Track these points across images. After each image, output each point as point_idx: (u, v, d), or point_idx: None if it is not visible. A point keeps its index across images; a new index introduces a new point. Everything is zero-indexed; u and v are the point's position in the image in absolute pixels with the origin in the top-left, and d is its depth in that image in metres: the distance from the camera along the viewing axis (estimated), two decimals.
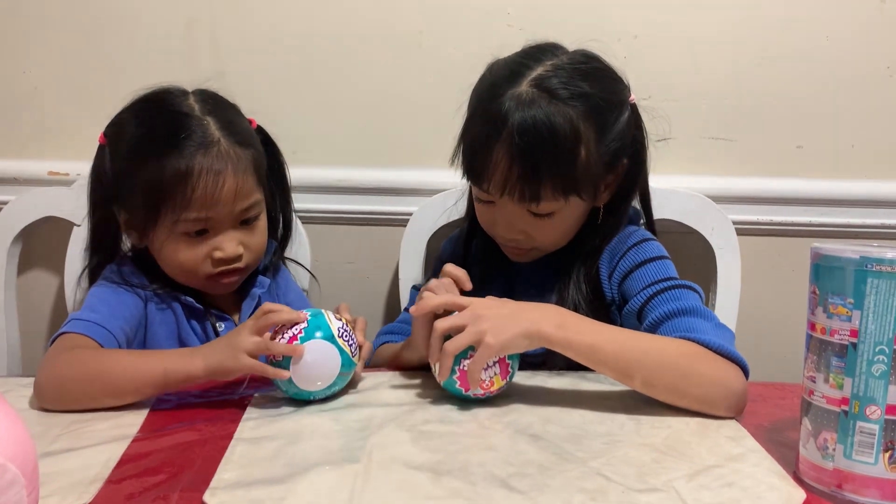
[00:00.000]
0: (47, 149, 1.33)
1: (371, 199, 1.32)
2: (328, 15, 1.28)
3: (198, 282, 1.02)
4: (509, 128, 0.90)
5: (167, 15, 1.29)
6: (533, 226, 0.97)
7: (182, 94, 1.01)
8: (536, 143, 0.90)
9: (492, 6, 1.27)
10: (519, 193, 0.93)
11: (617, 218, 1.02)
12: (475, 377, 0.83)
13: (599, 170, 0.95)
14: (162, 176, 0.94)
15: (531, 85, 0.92)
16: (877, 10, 1.25)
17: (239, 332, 0.85)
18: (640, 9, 1.26)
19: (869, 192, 1.27)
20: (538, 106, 0.91)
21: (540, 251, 1.02)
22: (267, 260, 1.09)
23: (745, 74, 1.27)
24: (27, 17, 1.30)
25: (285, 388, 0.85)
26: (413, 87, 1.30)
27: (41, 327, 1.36)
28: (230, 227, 0.99)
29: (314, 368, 0.84)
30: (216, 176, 0.95)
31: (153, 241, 0.99)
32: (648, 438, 0.77)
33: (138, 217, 0.98)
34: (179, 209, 0.95)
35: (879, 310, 0.62)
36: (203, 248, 0.98)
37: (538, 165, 0.91)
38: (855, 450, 0.64)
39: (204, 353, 0.85)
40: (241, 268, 1.02)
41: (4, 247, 1.25)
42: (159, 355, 0.88)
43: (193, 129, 0.96)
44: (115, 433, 0.77)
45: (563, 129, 0.90)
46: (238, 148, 0.98)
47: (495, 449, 0.74)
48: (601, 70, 0.98)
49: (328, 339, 0.84)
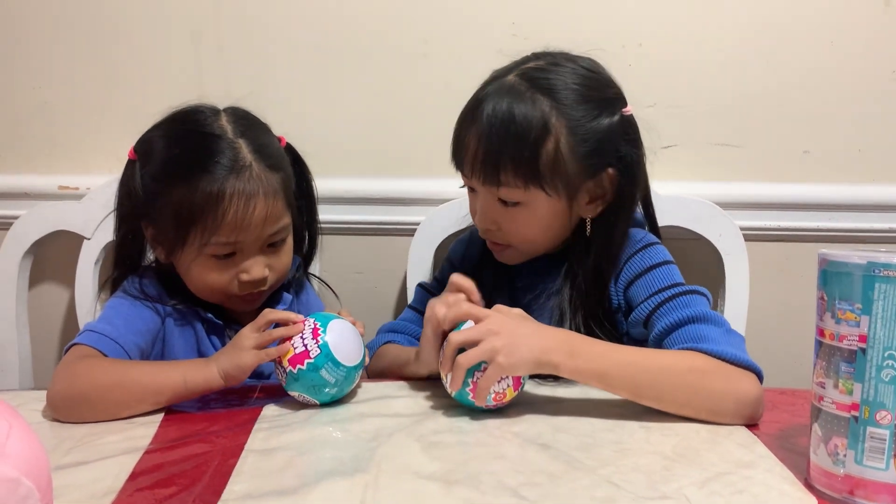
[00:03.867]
0: (57, 163, 1.34)
1: (378, 210, 1.33)
2: (333, 27, 1.29)
3: (222, 299, 1.02)
4: (481, 110, 0.94)
5: (175, 29, 1.30)
6: (502, 215, 0.98)
7: (214, 114, 1.01)
8: (498, 126, 0.93)
9: (496, 16, 1.27)
10: (483, 174, 0.95)
11: (609, 235, 0.99)
12: (484, 394, 0.83)
13: (573, 170, 0.94)
14: (193, 198, 0.94)
15: (516, 74, 0.96)
16: (881, 14, 1.25)
17: (240, 337, 0.88)
18: (645, 17, 1.26)
19: (876, 196, 1.27)
20: (514, 93, 0.94)
21: (515, 251, 1.02)
22: (290, 275, 1.09)
23: (750, 80, 1.27)
24: (37, 32, 1.31)
25: (300, 390, 0.87)
26: (418, 97, 1.30)
27: (52, 341, 1.37)
28: (257, 250, 0.99)
29: (347, 341, 0.88)
30: (247, 200, 0.95)
31: (180, 259, 0.99)
32: (658, 446, 0.77)
33: (167, 236, 0.98)
34: (209, 232, 0.95)
35: (888, 315, 0.62)
36: (230, 271, 0.98)
37: (498, 149, 0.93)
38: (866, 455, 0.63)
39: (216, 359, 0.88)
40: (265, 289, 1.02)
41: (15, 261, 1.27)
42: (177, 364, 0.91)
43: (225, 153, 0.96)
44: (126, 445, 0.77)
45: (530, 117, 0.92)
46: (269, 172, 0.98)
47: (505, 458, 0.74)
48: (595, 74, 0.98)
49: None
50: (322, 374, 0.85)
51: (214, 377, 0.87)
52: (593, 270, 0.99)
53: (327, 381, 0.86)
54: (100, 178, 1.25)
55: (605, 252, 0.99)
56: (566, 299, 0.99)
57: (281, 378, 0.88)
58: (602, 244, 0.99)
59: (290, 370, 0.86)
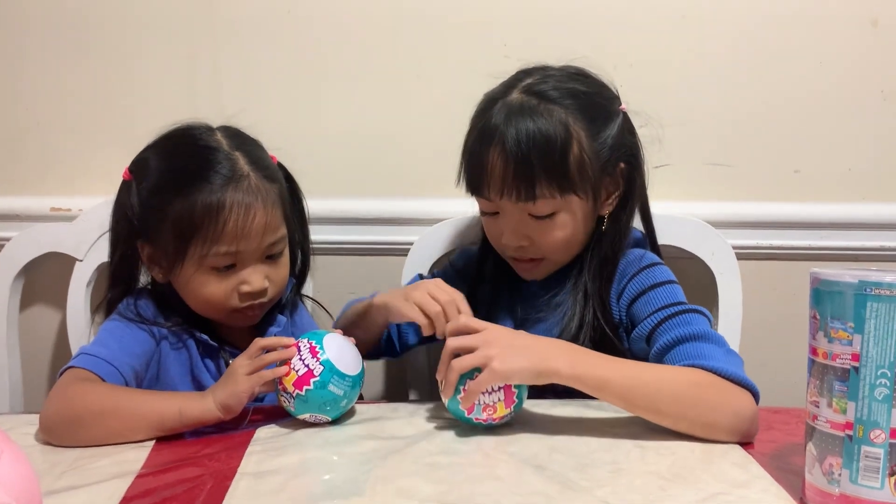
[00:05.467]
0: (49, 185, 1.33)
1: (371, 230, 1.33)
2: (327, 49, 1.30)
3: (221, 315, 1.02)
4: (501, 131, 0.95)
5: (169, 51, 1.31)
6: (536, 230, 0.98)
7: (209, 130, 1.03)
8: (527, 141, 0.94)
9: (488, 38, 1.28)
10: (516, 192, 0.95)
11: (618, 227, 1.03)
12: (472, 397, 0.84)
13: (596, 169, 0.97)
14: (193, 210, 0.95)
15: (521, 91, 0.97)
16: (869, 34, 1.26)
17: (234, 369, 0.88)
18: (636, 38, 1.28)
19: (867, 214, 1.28)
20: (529, 108, 0.95)
21: (548, 263, 1.03)
22: (285, 296, 1.10)
23: (741, 100, 1.29)
24: (29, 53, 1.31)
25: (311, 410, 0.87)
26: (411, 118, 1.31)
27: (44, 363, 1.36)
28: (257, 261, 0.99)
29: (346, 352, 0.89)
30: (247, 210, 0.96)
31: (179, 275, 0.99)
32: (654, 466, 0.76)
33: (166, 251, 0.98)
34: (210, 243, 0.95)
35: (880, 333, 0.62)
36: (230, 283, 0.99)
37: (531, 162, 0.94)
38: (861, 475, 0.63)
39: (213, 391, 0.88)
40: (265, 301, 1.02)
41: (7, 283, 1.26)
42: (173, 396, 0.92)
43: (223, 163, 0.97)
44: (118, 469, 0.77)
45: (554, 126, 0.94)
46: (266, 182, 0.99)
47: (501, 479, 0.74)
48: (589, 76, 1.03)
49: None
50: (331, 389, 0.86)
51: (211, 409, 0.86)
52: (599, 267, 1.01)
53: (337, 395, 0.86)
54: (92, 200, 1.25)
55: (613, 246, 1.02)
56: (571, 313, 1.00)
57: (287, 404, 0.88)
58: (612, 237, 1.02)
59: (298, 393, 0.86)
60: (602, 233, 1.02)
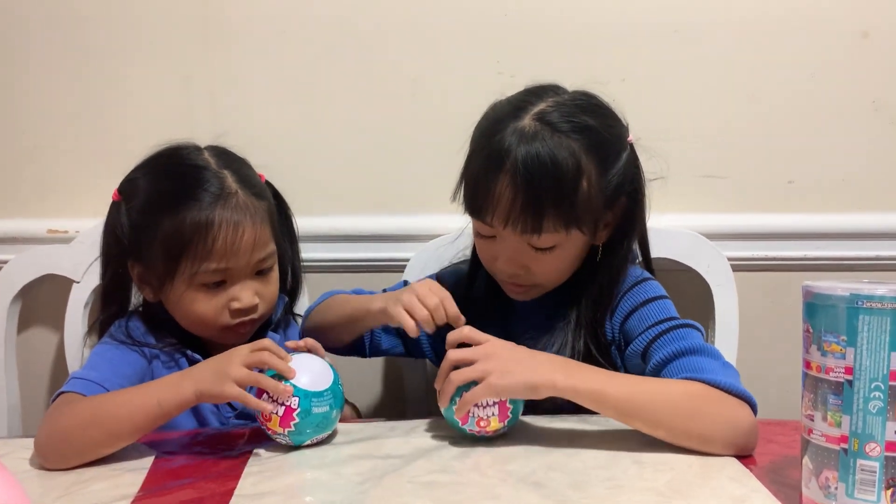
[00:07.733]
0: (46, 207, 1.34)
1: (367, 247, 1.33)
2: (321, 66, 1.31)
3: (212, 332, 1.02)
4: (512, 160, 0.92)
5: (165, 73, 1.32)
6: (534, 260, 0.97)
7: (196, 150, 1.04)
8: (540, 174, 0.91)
9: (482, 55, 1.29)
10: (522, 225, 0.93)
11: (614, 259, 1.01)
12: (466, 407, 0.84)
13: (600, 204, 0.96)
14: (182, 228, 0.96)
15: (533, 118, 0.94)
16: (859, 46, 1.27)
17: (230, 360, 0.86)
18: (627, 53, 1.28)
19: (861, 224, 1.28)
20: (541, 138, 0.92)
21: (540, 288, 1.02)
22: (277, 315, 1.10)
23: (734, 113, 1.29)
24: (27, 76, 1.32)
25: (311, 436, 0.87)
26: (406, 135, 1.31)
27: (41, 385, 1.36)
28: (246, 277, 1.00)
29: (309, 369, 0.87)
30: (235, 226, 0.97)
31: (169, 294, 1.00)
32: (651, 482, 0.76)
33: (156, 270, 0.99)
34: (199, 260, 0.96)
35: (873, 346, 0.62)
36: (220, 300, 0.99)
37: (541, 197, 0.92)
38: (857, 488, 0.63)
39: (194, 377, 0.86)
40: (256, 318, 1.03)
41: (4, 305, 1.26)
42: (151, 387, 0.89)
43: (212, 181, 0.99)
44: (114, 493, 0.77)
45: (566, 161, 0.92)
46: (254, 200, 1.01)
47: (498, 498, 0.74)
48: (601, 107, 1.00)
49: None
50: (315, 411, 0.85)
51: (188, 396, 0.84)
52: (596, 296, 1.00)
53: (324, 412, 0.86)
54: (89, 222, 1.25)
55: (611, 279, 1.00)
56: (567, 330, 1.00)
57: (286, 441, 0.87)
58: (610, 270, 1.00)
59: (289, 430, 0.85)
60: (599, 264, 1.00)
